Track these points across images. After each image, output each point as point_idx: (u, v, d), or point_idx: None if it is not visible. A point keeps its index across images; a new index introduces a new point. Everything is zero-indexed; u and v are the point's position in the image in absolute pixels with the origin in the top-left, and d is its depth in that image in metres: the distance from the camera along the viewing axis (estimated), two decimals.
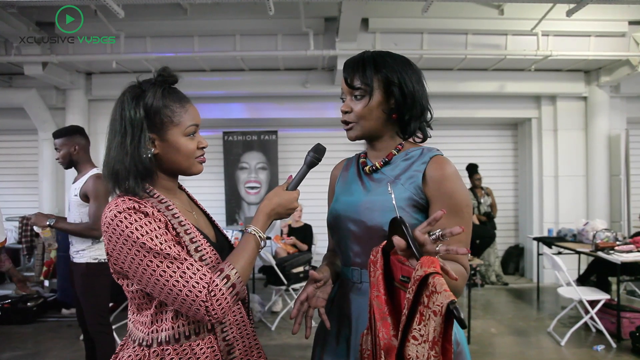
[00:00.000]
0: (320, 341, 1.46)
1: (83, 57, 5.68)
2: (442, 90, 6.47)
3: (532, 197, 7.12)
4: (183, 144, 1.25)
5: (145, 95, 1.22)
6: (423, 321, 0.94)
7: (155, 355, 1.19)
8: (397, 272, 1.10)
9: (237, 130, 7.22)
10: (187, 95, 1.31)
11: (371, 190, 1.37)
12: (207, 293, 1.09)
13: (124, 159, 1.19)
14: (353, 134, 1.38)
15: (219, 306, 1.10)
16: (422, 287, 0.94)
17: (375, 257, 1.15)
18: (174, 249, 1.12)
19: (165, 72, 1.27)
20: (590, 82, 6.71)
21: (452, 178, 1.29)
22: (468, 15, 5.54)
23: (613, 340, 4.36)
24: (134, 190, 1.20)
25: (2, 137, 7.43)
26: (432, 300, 0.92)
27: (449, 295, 0.89)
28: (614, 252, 4.67)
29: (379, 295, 1.10)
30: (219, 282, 1.11)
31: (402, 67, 1.35)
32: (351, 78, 1.35)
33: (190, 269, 1.11)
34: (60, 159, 3.14)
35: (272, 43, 5.81)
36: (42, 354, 4.37)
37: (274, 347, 4.42)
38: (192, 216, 1.33)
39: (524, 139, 7.38)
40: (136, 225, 1.12)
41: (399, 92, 1.32)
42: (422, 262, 0.96)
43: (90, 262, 3.06)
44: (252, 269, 1.21)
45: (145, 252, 1.10)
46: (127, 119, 1.20)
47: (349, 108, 1.36)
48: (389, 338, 1.05)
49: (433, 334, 0.91)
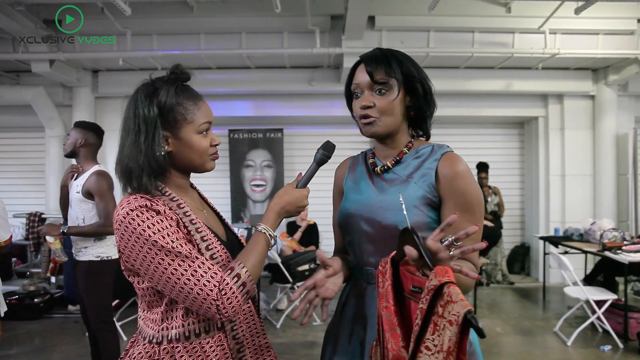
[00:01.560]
0: (331, 340, 1.44)
1: (90, 55, 5.71)
2: (448, 88, 6.44)
3: (539, 196, 7.09)
4: (196, 141, 1.25)
5: (158, 93, 1.22)
6: (437, 331, 0.93)
7: (165, 353, 1.19)
8: (407, 283, 1.09)
9: (242, 128, 7.22)
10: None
11: (384, 190, 1.36)
12: (218, 292, 1.10)
13: (137, 157, 1.19)
14: (373, 130, 1.35)
15: (229, 305, 1.11)
16: (437, 297, 0.94)
17: (384, 267, 1.14)
18: (185, 247, 1.13)
19: (178, 69, 1.27)
20: (598, 81, 6.66)
21: (465, 175, 1.28)
22: (475, 13, 5.51)
23: (620, 340, 4.33)
24: (146, 188, 1.20)
25: (10, 134, 7.48)
26: (447, 309, 0.91)
27: (466, 304, 0.89)
28: (622, 251, 4.64)
29: (388, 306, 1.09)
30: (230, 281, 1.12)
31: (415, 64, 1.36)
32: (375, 71, 1.31)
33: (201, 268, 1.11)
34: (66, 145, 3.19)
35: (278, 41, 5.81)
36: (48, 349, 4.39)
37: (279, 345, 4.42)
38: (202, 214, 1.33)
39: (531, 138, 7.34)
40: (148, 223, 1.12)
41: (422, 88, 1.32)
42: (436, 272, 0.95)
43: (93, 260, 3.07)
44: (261, 268, 1.20)
45: (157, 251, 1.10)
46: (140, 117, 1.20)
47: (371, 102, 1.32)
48: (398, 349, 1.04)
49: (448, 343, 0.91)
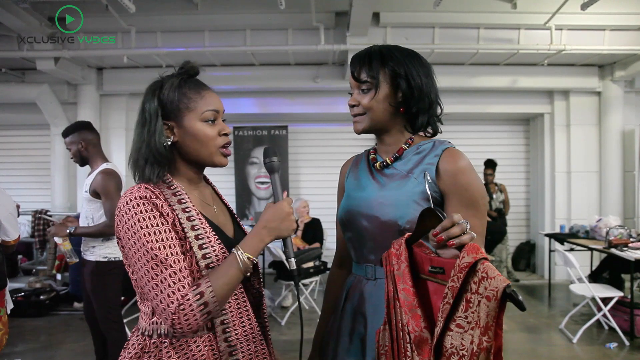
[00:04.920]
0: (332, 338, 1.44)
1: (94, 52, 5.72)
2: (453, 85, 6.42)
3: (544, 193, 7.06)
4: (199, 128, 1.24)
5: (162, 86, 1.26)
6: (470, 308, 0.94)
7: (154, 347, 1.20)
8: (424, 264, 1.09)
9: (247, 125, 7.24)
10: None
11: (384, 186, 1.35)
12: (177, 306, 1.08)
13: (141, 147, 1.22)
14: (360, 127, 1.38)
15: (186, 322, 1.09)
16: (469, 274, 0.94)
17: (399, 249, 1.14)
18: (164, 251, 1.12)
19: (187, 65, 1.30)
20: (605, 77, 6.61)
21: (467, 170, 1.28)
22: (480, 9, 5.48)
23: (626, 338, 4.32)
24: (149, 178, 1.21)
25: (15, 132, 7.50)
26: (482, 285, 0.92)
27: (504, 279, 0.90)
28: (628, 249, 4.62)
29: (406, 287, 1.09)
30: (192, 298, 1.09)
31: (410, 60, 1.34)
32: (358, 71, 1.35)
33: (171, 277, 1.10)
34: (73, 157, 3.16)
35: (283, 38, 5.80)
36: (54, 346, 4.42)
37: (284, 342, 4.43)
38: (211, 210, 1.32)
39: (536, 135, 7.31)
40: (140, 216, 1.14)
41: (406, 84, 1.31)
42: (468, 250, 0.96)
43: (100, 260, 3.06)
44: (232, 291, 1.16)
45: (140, 246, 1.12)
46: (145, 110, 1.24)
47: (356, 102, 1.36)
48: (420, 330, 1.04)
49: (486, 319, 0.91)
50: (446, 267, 1.02)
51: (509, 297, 0.89)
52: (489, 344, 0.91)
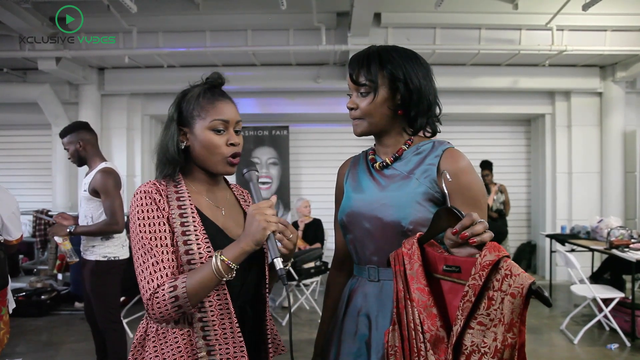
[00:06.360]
0: (335, 341, 1.43)
1: (95, 52, 5.72)
2: (454, 85, 6.42)
3: (545, 194, 7.05)
4: (206, 137, 1.30)
5: (187, 94, 1.35)
6: (492, 305, 0.94)
7: (149, 328, 1.30)
8: (437, 264, 1.10)
9: (248, 125, 7.22)
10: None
11: (385, 186, 1.35)
12: (152, 293, 1.17)
13: (160, 149, 1.34)
14: (359, 130, 1.38)
15: (158, 309, 1.17)
16: (492, 272, 0.95)
17: (411, 249, 1.14)
18: (154, 241, 1.22)
19: (213, 75, 1.40)
20: (606, 78, 6.61)
21: (467, 170, 1.28)
22: (481, 10, 5.48)
23: (627, 339, 4.31)
24: (164, 176, 1.33)
25: (17, 132, 7.50)
26: (506, 283, 0.93)
27: (528, 276, 0.91)
28: (629, 249, 4.61)
29: (420, 287, 1.09)
30: (166, 288, 1.17)
31: (408, 62, 1.32)
32: (356, 74, 1.34)
33: (154, 266, 1.20)
34: (70, 157, 3.16)
35: (284, 38, 5.80)
36: (55, 346, 4.42)
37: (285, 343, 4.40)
38: (218, 213, 1.36)
39: (537, 135, 7.30)
40: (140, 208, 1.25)
41: (405, 88, 1.30)
42: (489, 248, 0.97)
43: (100, 259, 3.06)
44: (205, 290, 1.18)
45: (136, 235, 1.24)
46: (168, 115, 1.35)
47: (354, 105, 1.36)
48: (436, 329, 1.04)
49: (510, 315, 0.92)
50: (463, 265, 1.03)
51: (534, 294, 0.90)
52: (513, 340, 0.92)
